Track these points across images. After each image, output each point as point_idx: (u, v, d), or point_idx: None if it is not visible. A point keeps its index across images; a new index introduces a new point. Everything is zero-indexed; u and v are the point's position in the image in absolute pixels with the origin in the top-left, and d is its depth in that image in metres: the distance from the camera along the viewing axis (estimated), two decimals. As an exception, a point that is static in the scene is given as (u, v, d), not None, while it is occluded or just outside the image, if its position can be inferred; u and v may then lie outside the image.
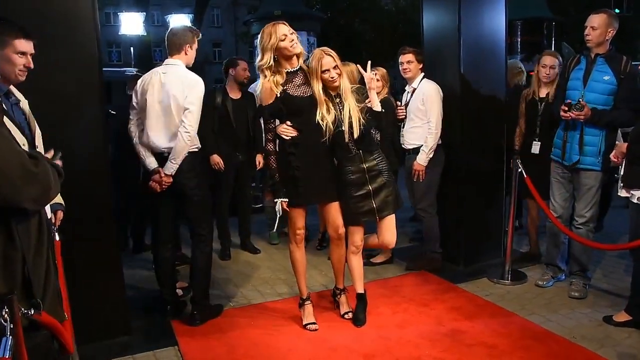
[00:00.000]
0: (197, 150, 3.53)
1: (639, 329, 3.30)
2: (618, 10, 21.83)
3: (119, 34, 18.34)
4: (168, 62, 3.48)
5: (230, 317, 3.71)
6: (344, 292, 3.69)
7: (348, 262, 3.57)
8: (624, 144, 3.36)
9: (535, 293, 3.98)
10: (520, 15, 17.23)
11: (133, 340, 3.38)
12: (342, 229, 3.45)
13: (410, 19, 21.23)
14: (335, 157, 3.40)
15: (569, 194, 3.93)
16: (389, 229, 3.46)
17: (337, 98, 3.32)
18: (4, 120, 1.71)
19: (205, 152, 4.03)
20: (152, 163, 3.45)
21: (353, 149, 3.32)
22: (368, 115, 3.29)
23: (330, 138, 3.28)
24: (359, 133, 3.26)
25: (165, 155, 3.42)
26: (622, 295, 3.75)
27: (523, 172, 4.10)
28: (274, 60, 3.23)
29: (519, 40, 18.33)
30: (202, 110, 3.45)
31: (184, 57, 3.48)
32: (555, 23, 19.08)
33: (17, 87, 2.33)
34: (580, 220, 3.81)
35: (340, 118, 3.28)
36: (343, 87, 3.29)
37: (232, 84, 4.83)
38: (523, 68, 5.11)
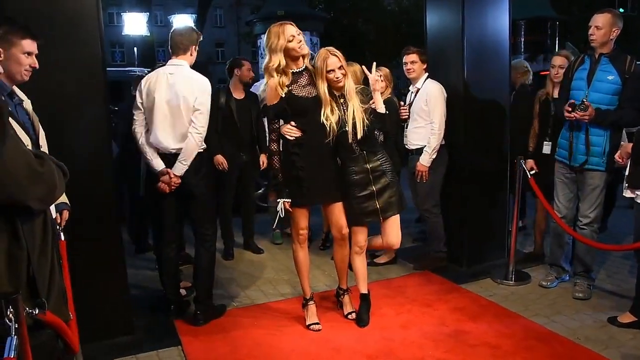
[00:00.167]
0: (202, 151, 3.53)
1: (644, 330, 3.29)
2: (622, 10, 21.80)
3: (123, 34, 18.41)
4: (173, 62, 3.45)
5: (234, 317, 3.71)
6: (348, 292, 3.68)
7: (351, 262, 3.56)
8: (629, 144, 3.35)
9: (539, 294, 3.97)
10: (524, 15, 17.23)
11: (136, 340, 3.39)
12: (345, 230, 3.45)
13: (414, 19, 21.22)
14: (339, 157, 3.40)
15: (573, 195, 3.92)
16: (393, 230, 3.45)
17: (341, 98, 3.31)
18: (9, 120, 1.72)
19: (209, 152, 4.02)
20: (159, 164, 3.42)
21: (357, 150, 3.32)
22: (372, 117, 3.29)
23: (334, 138, 3.28)
24: (363, 134, 3.26)
25: (170, 156, 3.41)
26: (626, 296, 3.74)
27: (527, 172, 4.10)
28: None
29: (523, 40, 18.32)
30: None
31: (189, 57, 3.47)
32: (559, 22, 19.06)
33: (21, 86, 2.33)
34: (585, 221, 3.80)
35: (344, 119, 3.27)
36: (348, 87, 3.28)
37: (236, 84, 4.83)
38: (529, 67, 5.09)
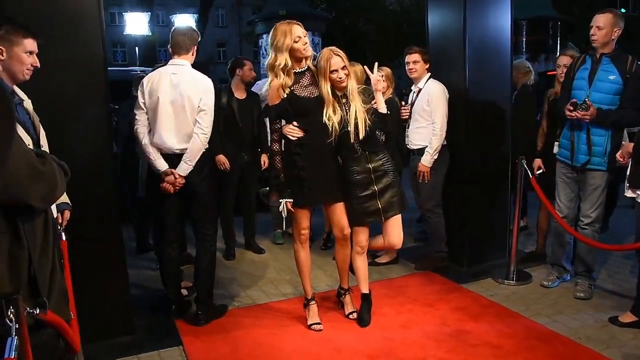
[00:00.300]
0: (205, 151, 3.53)
1: (645, 330, 3.29)
2: (624, 10, 21.77)
3: (124, 34, 18.43)
4: (176, 62, 3.43)
5: (235, 317, 3.71)
6: (349, 292, 3.68)
7: (353, 262, 3.56)
8: (630, 144, 3.35)
9: (541, 293, 3.97)
10: (526, 15, 17.20)
11: (137, 340, 3.39)
12: (347, 229, 3.44)
13: (415, 19, 21.19)
14: (341, 157, 3.39)
15: (575, 194, 3.92)
16: (395, 230, 3.44)
17: (343, 98, 3.31)
18: None
19: (211, 152, 4.03)
20: (162, 164, 3.40)
21: (359, 150, 3.32)
22: (374, 117, 3.29)
23: (336, 139, 3.28)
24: (365, 134, 3.26)
25: (173, 157, 3.40)
26: (627, 296, 3.74)
27: (529, 172, 4.09)
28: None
29: (524, 40, 18.29)
30: None
31: (191, 57, 3.46)
32: (561, 22, 19.03)
33: (22, 86, 2.33)
34: (586, 221, 3.79)
35: (347, 119, 3.27)
36: (350, 87, 3.28)
37: (238, 84, 4.83)
38: (531, 67, 5.08)
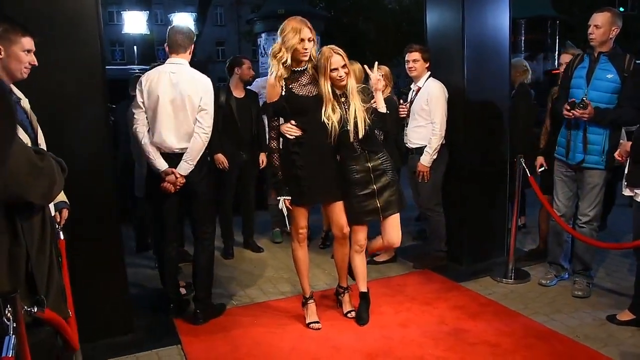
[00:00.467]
0: (205, 150, 3.53)
1: (643, 328, 3.30)
2: (622, 9, 21.78)
3: (122, 33, 18.36)
4: (174, 60, 3.42)
5: (233, 315, 3.71)
6: (348, 290, 3.69)
7: (351, 260, 3.56)
8: (628, 143, 3.35)
9: (539, 292, 3.98)
10: (524, 14, 17.17)
11: (136, 339, 3.39)
12: (346, 228, 3.44)
13: (414, 18, 21.16)
14: (340, 156, 3.39)
15: (573, 193, 3.92)
16: (394, 229, 3.45)
17: (342, 97, 3.31)
18: None
19: (210, 151, 4.02)
20: (162, 164, 3.39)
21: (358, 149, 3.32)
22: (373, 116, 3.29)
23: (336, 138, 3.28)
24: (364, 133, 3.26)
25: (173, 156, 3.40)
26: (625, 294, 3.74)
27: (527, 170, 4.10)
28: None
29: (523, 39, 18.27)
30: None
31: (188, 56, 3.46)
32: (560, 21, 19.01)
33: (20, 86, 2.33)
34: (584, 219, 3.80)
35: (346, 118, 3.27)
36: (350, 86, 3.28)
37: (236, 83, 4.83)
38: (528, 66, 5.09)
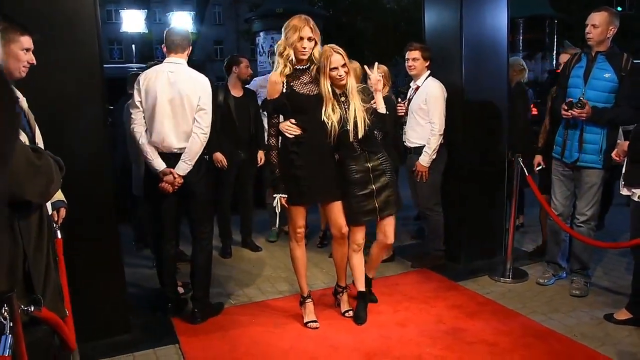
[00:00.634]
0: (203, 150, 3.52)
1: (640, 327, 3.31)
2: (620, 9, 21.77)
3: (121, 31, 18.35)
4: (172, 60, 3.43)
5: (231, 315, 3.71)
6: (346, 290, 3.69)
7: (349, 260, 3.57)
8: (626, 142, 3.35)
9: (536, 291, 3.98)
10: (522, 13, 17.20)
11: (134, 338, 3.39)
12: (345, 228, 3.44)
13: (413, 17, 21.16)
14: (339, 155, 3.39)
15: (570, 192, 3.93)
16: (389, 228, 3.49)
17: (342, 97, 3.31)
18: None
19: (208, 150, 4.02)
20: (160, 164, 3.39)
21: (357, 149, 3.32)
22: (372, 117, 3.30)
23: (336, 137, 3.28)
24: (364, 133, 3.27)
25: (170, 156, 3.39)
26: (622, 293, 3.75)
27: (525, 169, 4.10)
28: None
29: (521, 38, 18.29)
30: None
31: (186, 56, 3.48)
32: (558, 21, 19.03)
33: (18, 85, 2.33)
34: (582, 219, 3.80)
35: (346, 117, 3.27)
36: (350, 85, 3.29)
37: (234, 82, 4.82)
38: (525, 66, 5.10)
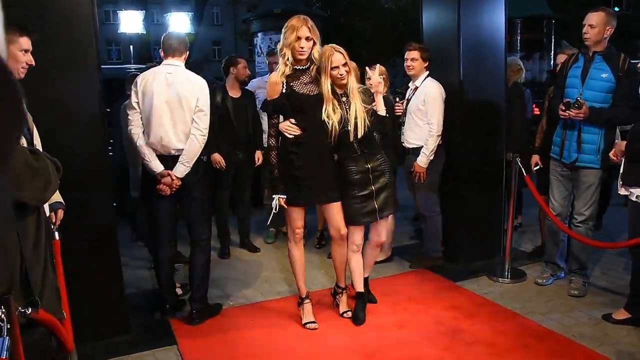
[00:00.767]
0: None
1: (638, 327, 3.30)
2: (617, 9, 21.81)
3: (118, 32, 18.31)
4: (170, 62, 3.44)
5: (230, 316, 3.71)
6: (346, 290, 3.69)
7: (348, 261, 3.57)
8: (623, 142, 3.36)
9: (535, 291, 3.98)
10: (520, 13, 17.19)
11: (132, 340, 3.38)
12: (344, 230, 3.44)
13: (411, 18, 21.15)
14: (339, 156, 3.39)
15: (568, 192, 3.93)
16: (384, 228, 3.54)
17: (343, 97, 3.32)
18: None
19: (206, 151, 4.01)
20: (158, 166, 3.38)
21: (358, 149, 3.32)
22: (372, 119, 3.30)
23: (336, 138, 3.28)
24: (364, 133, 3.27)
25: (168, 158, 3.38)
26: (621, 293, 3.76)
27: (522, 170, 4.10)
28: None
29: (519, 38, 18.29)
30: None
31: (183, 60, 3.50)
32: (555, 21, 19.03)
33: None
34: (580, 219, 3.81)
35: (347, 118, 3.27)
36: (351, 85, 3.29)
37: (232, 83, 4.82)
38: (522, 65, 5.10)
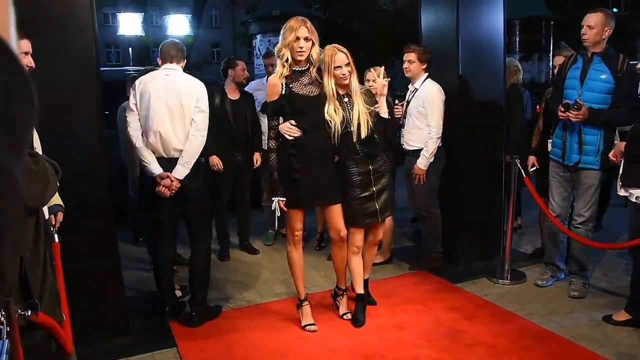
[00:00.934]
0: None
1: (639, 328, 3.30)
2: (616, 10, 21.85)
3: (117, 34, 18.35)
4: (170, 66, 3.47)
5: (229, 318, 3.70)
6: (346, 292, 3.68)
7: (348, 262, 3.57)
8: (622, 143, 3.36)
9: (535, 293, 3.98)
10: (519, 15, 17.21)
11: (132, 342, 3.37)
12: (344, 232, 3.43)
13: (409, 19, 21.17)
14: (340, 157, 3.39)
15: (568, 193, 3.93)
16: (380, 228, 3.57)
17: (345, 98, 3.32)
18: None
19: (205, 153, 4.01)
20: (157, 168, 3.38)
21: (360, 150, 3.32)
22: (375, 120, 3.31)
23: (339, 139, 3.27)
24: (367, 135, 3.27)
25: (167, 160, 3.38)
26: (621, 295, 3.75)
27: (522, 171, 4.10)
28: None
29: (517, 40, 18.31)
30: None
31: (181, 67, 3.52)
32: (554, 22, 19.05)
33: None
34: (579, 220, 3.81)
35: (349, 118, 3.27)
36: (353, 85, 3.29)
37: (230, 85, 4.82)
38: (519, 67, 5.10)
